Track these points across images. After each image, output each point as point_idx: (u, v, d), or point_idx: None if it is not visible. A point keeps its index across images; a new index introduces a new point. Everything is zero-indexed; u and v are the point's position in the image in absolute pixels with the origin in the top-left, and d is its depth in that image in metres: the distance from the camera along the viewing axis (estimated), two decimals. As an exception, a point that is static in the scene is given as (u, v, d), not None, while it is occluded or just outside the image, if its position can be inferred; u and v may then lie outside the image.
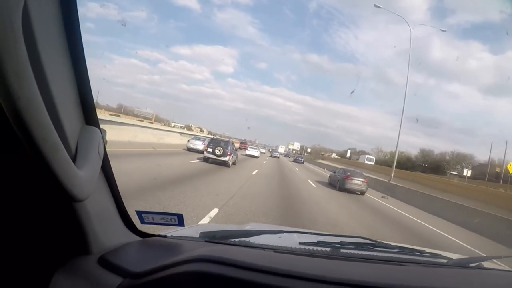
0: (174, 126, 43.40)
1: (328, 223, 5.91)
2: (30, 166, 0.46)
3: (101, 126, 0.66)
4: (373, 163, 44.18)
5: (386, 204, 11.65)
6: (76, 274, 0.67)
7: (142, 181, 6.03)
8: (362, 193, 12.69)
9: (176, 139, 24.74)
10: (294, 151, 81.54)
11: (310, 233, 1.36)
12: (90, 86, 0.60)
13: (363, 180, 12.74)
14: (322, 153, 78.78)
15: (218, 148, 12.20)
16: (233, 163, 13.53)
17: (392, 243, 1.21)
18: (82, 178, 0.52)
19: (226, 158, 12.16)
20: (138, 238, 0.89)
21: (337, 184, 13.00)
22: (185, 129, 46.26)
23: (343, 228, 5.66)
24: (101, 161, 0.64)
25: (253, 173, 12.64)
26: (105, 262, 0.70)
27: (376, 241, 1.14)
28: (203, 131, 52.25)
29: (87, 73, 0.59)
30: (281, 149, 62.10)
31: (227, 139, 14.63)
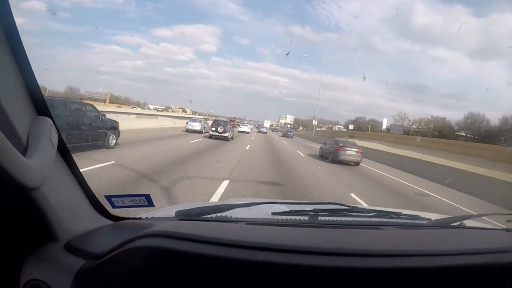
0: (149, 109, 41.19)
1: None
2: None
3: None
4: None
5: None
6: (44, 261, 0.71)
7: (161, 160, 7.28)
8: (357, 163, 12.48)
9: (169, 123, 26.51)
10: (288, 126, 78.91)
11: (284, 203, 1.35)
12: (34, 77, 0.62)
13: (357, 150, 12.44)
14: (321, 125, 76.21)
15: (219, 127, 16.33)
16: (232, 138, 17.37)
17: (368, 207, 1.37)
18: (31, 167, 0.53)
19: (226, 134, 16.27)
20: (110, 222, 0.90)
21: (330, 156, 12.67)
22: (164, 110, 44.31)
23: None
24: (55, 149, 0.65)
25: (247, 148, 14.71)
26: (71, 247, 0.73)
27: (350, 206, 1.14)
28: (186, 112, 51.72)
29: (30, 65, 0.60)
30: (267, 124, 68.06)
31: (226, 120, 18.73)
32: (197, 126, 18.96)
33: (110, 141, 8.60)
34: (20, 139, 0.56)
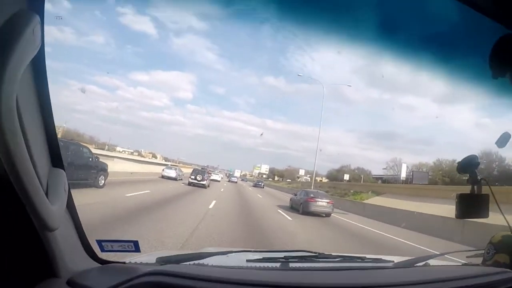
0: (121, 152, 40.02)
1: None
2: (15, 204, 0.58)
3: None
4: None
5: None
6: None
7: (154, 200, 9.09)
8: (328, 215, 12.33)
9: (137, 167, 26.36)
10: (264, 176, 75.38)
11: (258, 251, 1.43)
12: (55, 132, 0.73)
13: (328, 201, 12.40)
14: (298, 175, 73.49)
15: (198, 175, 19.04)
16: (208, 186, 19.96)
17: (334, 253, 1.32)
18: (54, 212, 0.64)
19: (204, 182, 19.06)
20: (97, 265, 0.95)
21: (300, 207, 12.46)
22: (134, 154, 42.94)
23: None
24: (67, 198, 0.76)
25: (221, 190, 18.87)
26: (73, 283, 0.78)
27: (317, 253, 1.23)
28: (156, 157, 50.54)
29: (53, 119, 0.69)
30: (237, 173, 68.26)
31: (204, 170, 22.68)
32: (172, 173, 20.85)
33: (99, 181, 9.50)
34: (43, 187, 0.64)
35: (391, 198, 19.47)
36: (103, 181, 9.63)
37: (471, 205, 1.12)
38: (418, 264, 1.17)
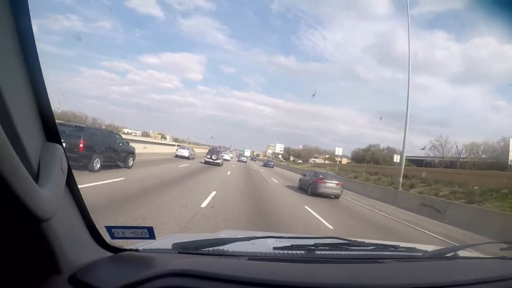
0: (128, 134, 41.21)
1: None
2: None
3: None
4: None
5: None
6: None
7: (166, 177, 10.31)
8: (337, 196, 12.27)
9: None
10: (280, 156, 72.37)
11: (284, 237, 1.38)
12: (49, 103, 0.61)
13: (337, 182, 12.29)
14: (316, 155, 69.03)
15: (214, 155, 22.00)
16: (221, 164, 22.91)
17: (366, 241, 1.27)
18: (45, 197, 0.52)
19: (218, 161, 21.98)
20: (109, 254, 0.89)
21: (309, 188, 12.51)
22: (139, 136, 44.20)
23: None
24: (65, 178, 0.65)
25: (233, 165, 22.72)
26: (75, 281, 0.70)
27: (350, 240, 1.17)
28: (165, 138, 51.48)
29: (46, 90, 0.59)
30: (247, 153, 69.04)
31: (219, 150, 25.53)
32: (185, 153, 23.59)
33: (129, 162, 11.02)
34: (31, 166, 0.54)
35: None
36: (131, 162, 11.14)
37: None
38: (449, 255, 1.15)
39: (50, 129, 0.62)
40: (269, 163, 41.45)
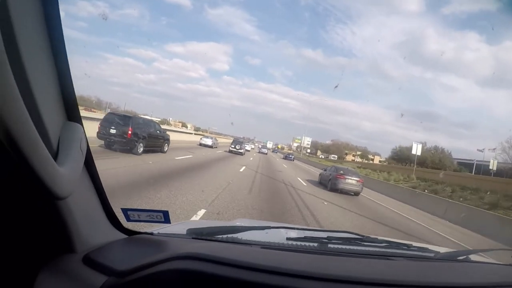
0: None
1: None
2: (9, 164, 0.46)
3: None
4: None
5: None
6: (61, 273, 0.69)
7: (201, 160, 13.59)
8: (357, 193, 12.26)
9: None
10: (307, 151, 67.67)
11: (298, 229, 1.43)
12: (72, 82, 0.62)
13: (358, 179, 12.25)
14: (346, 151, 65.62)
15: (237, 145, 24.99)
16: (243, 154, 25.40)
17: (379, 238, 1.28)
18: (63, 175, 0.53)
19: (241, 151, 24.91)
20: (123, 236, 0.92)
21: (328, 183, 12.60)
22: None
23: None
24: (84, 158, 0.66)
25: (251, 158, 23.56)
26: (89, 260, 0.72)
27: (363, 236, 1.20)
28: (186, 127, 51.65)
29: (69, 69, 0.61)
30: (269, 145, 68.60)
31: (242, 141, 28.11)
32: (209, 142, 25.97)
33: (165, 148, 12.82)
34: (51, 144, 0.56)
35: None
36: (167, 148, 12.94)
37: None
38: (460, 258, 1.17)
39: (71, 108, 0.64)
40: (290, 156, 44.35)
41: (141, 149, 10.48)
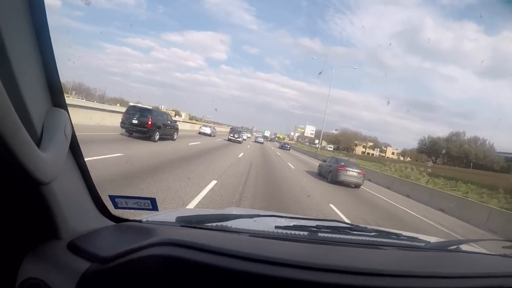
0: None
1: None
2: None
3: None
4: None
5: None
6: (45, 259, 0.70)
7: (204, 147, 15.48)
8: (358, 186, 12.17)
9: None
10: (315, 141, 61.87)
11: (287, 217, 1.44)
12: (57, 69, 0.62)
13: (359, 171, 12.13)
14: (356, 142, 59.88)
15: (236, 134, 26.94)
16: (241, 142, 27.53)
17: (369, 227, 1.28)
18: (45, 160, 0.53)
19: (239, 139, 26.99)
20: (111, 223, 0.92)
21: (329, 175, 12.39)
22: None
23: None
24: (69, 144, 0.66)
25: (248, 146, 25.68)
26: (74, 247, 0.73)
27: (352, 225, 1.22)
28: (180, 115, 50.61)
29: (54, 56, 0.61)
30: (267, 134, 73.09)
31: (240, 130, 29.99)
32: (208, 130, 27.76)
33: (174, 136, 14.75)
34: (34, 130, 0.55)
35: None
36: (176, 136, 14.78)
37: None
38: (451, 248, 1.18)
39: (56, 94, 0.63)
40: (285, 145, 44.52)
41: (158, 136, 12.29)
